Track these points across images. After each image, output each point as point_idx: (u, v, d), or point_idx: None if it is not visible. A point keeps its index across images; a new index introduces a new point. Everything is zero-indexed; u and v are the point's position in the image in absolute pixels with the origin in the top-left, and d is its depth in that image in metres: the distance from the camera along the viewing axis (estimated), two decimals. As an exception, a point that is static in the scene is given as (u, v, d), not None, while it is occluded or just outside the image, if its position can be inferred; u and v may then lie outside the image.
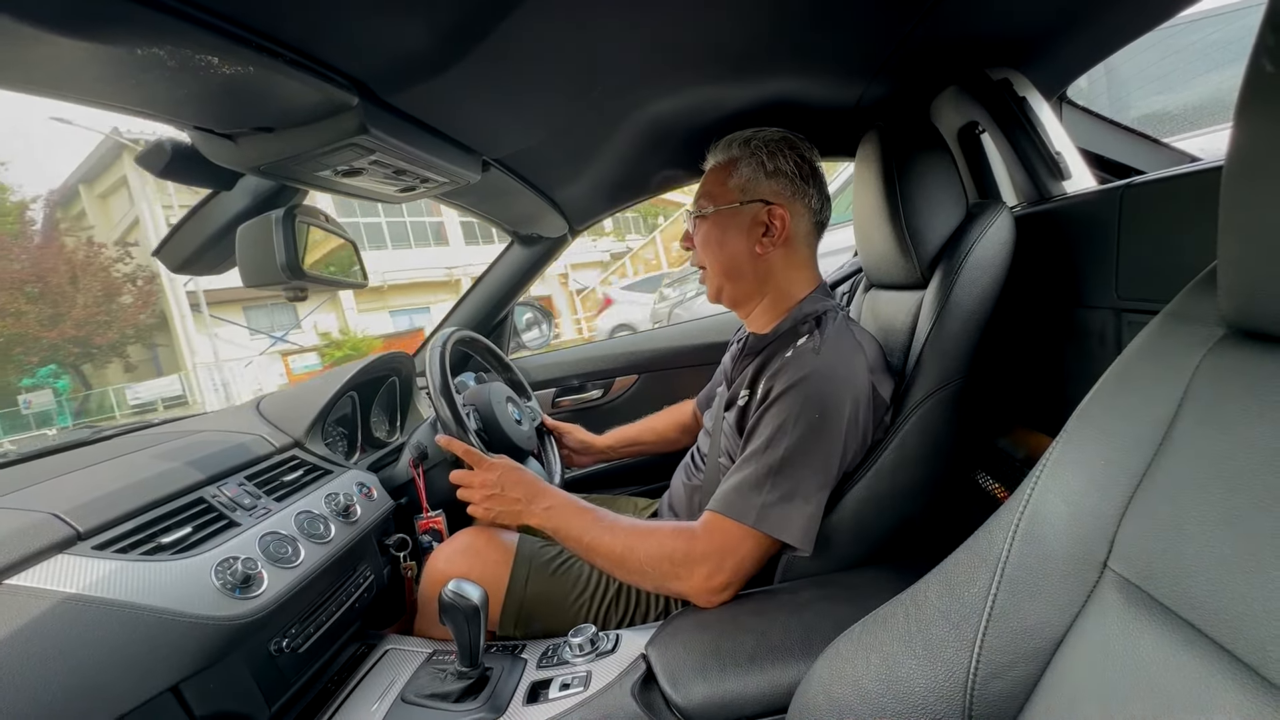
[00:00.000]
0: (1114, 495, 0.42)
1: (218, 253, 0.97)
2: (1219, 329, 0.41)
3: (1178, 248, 0.70)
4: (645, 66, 0.86)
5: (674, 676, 0.70)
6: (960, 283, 0.87)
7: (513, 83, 0.81)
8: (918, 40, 0.90)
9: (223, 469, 0.90)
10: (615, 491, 1.69)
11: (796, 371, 0.84)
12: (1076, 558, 0.43)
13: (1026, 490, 0.48)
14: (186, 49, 0.51)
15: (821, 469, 0.82)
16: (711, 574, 0.81)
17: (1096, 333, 0.84)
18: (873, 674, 0.52)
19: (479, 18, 0.64)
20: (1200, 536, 0.36)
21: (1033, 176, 1.03)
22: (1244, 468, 0.35)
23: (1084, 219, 0.88)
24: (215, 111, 0.66)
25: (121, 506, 0.74)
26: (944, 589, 0.51)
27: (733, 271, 0.98)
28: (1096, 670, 0.40)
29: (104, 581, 0.63)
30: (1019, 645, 0.45)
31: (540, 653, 0.87)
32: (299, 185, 0.87)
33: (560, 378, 1.84)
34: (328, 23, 0.58)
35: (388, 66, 0.68)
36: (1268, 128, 0.33)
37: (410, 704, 0.80)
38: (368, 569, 1.01)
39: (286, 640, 0.78)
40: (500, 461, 0.99)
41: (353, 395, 1.31)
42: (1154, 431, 0.41)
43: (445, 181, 0.94)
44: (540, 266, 1.74)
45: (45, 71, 0.51)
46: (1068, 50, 1.03)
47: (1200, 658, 0.34)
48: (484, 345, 1.41)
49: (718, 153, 1.00)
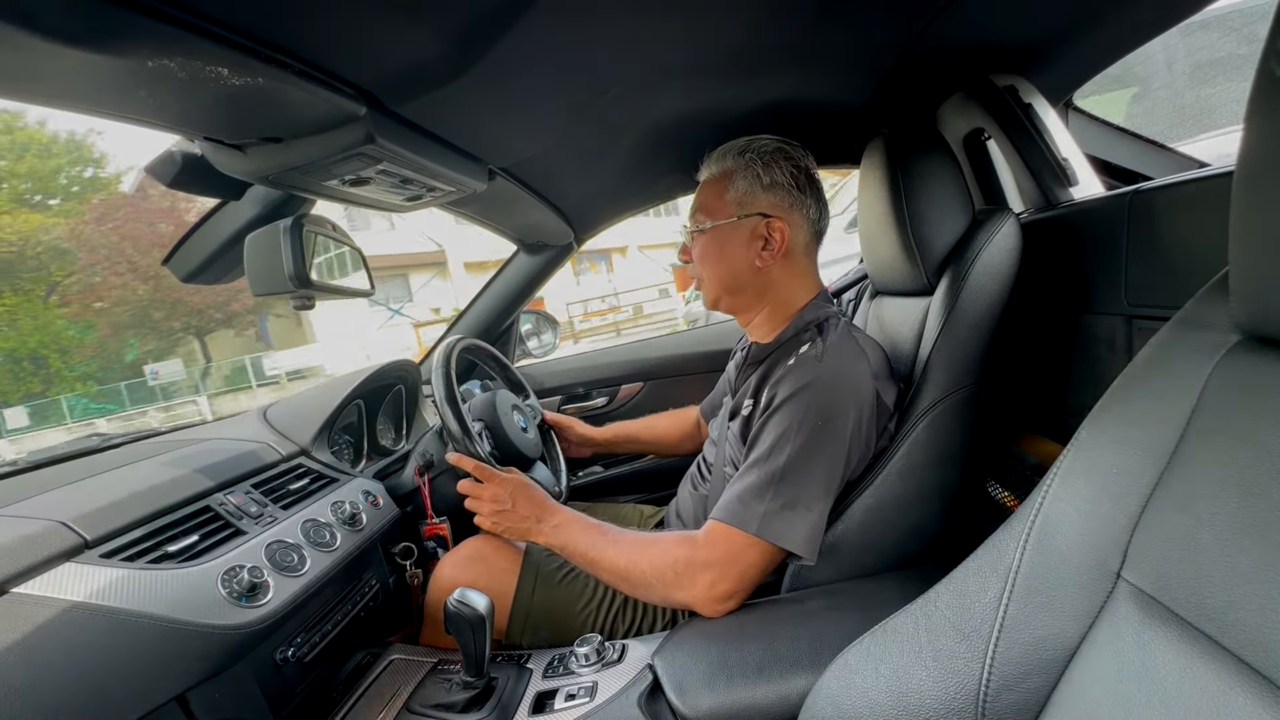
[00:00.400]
0: (1127, 504, 0.42)
1: (226, 262, 0.98)
2: (1231, 336, 0.41)
3: (1188, 253, 0.70)
4: (650, 73, 0.86)
5: (680, 687, 0.70)
6: (967, 289, 0.87)
7: (518, 92, 0.81)
8: (923, 46, 0.90)
9: (229, 477, 0.90)
10: (621, 500, 1.69)
11: (800, 379, 0.84)
12: (1089, 567, 0.43)
13: (1038, 499, 0.48)
14: (196, 61, 0.51)
15: (825, 476, 0.81)
16: (715, 583, 0.80)
17: (1106, 339, 0.83)
18: (883, 686, 0.51)
19: (485, 28, 0.65)
20: (1216, 546, 0.35)
21: (1039, 183, 1.03)
22: (1260, 476, 0.35)
23: (1092, 225, 0.87)
24: (224, 122, 0.66)
25: (128, 515, 0.74)
26: (955, 599, 0.50)
27: (732, 285, 0.97)
28: (1111, 682, 0.39)
29: (111, 590, 0.63)
30: (1031, 657, 0.44)
31: (546, 663, 0.86)
32: (307, 195, 0.87)
33: (566, 385, 1.84)
34: (336, 34, 0.58)
35: (395, 77, 0.69)
36: (1278, 131, 0.33)
37: (416, 714, 0.80)
38: (373, 577, 1.01)
39: (292, 649, 0.78)
40: (511, 477, 0.99)
41: (359, 403, 1.32)
42: (1167, 439, 0.41)
43: (452, 190, 0.95)
44: (546, 274, 1.75)
45: (56, 83, 0.51)
46: (1073, 56, 1.03)
47: (1217, 670, 0.33)
48: (488, 352, 1.41)
49: (712, 165, 0.98)
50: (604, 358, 1.89)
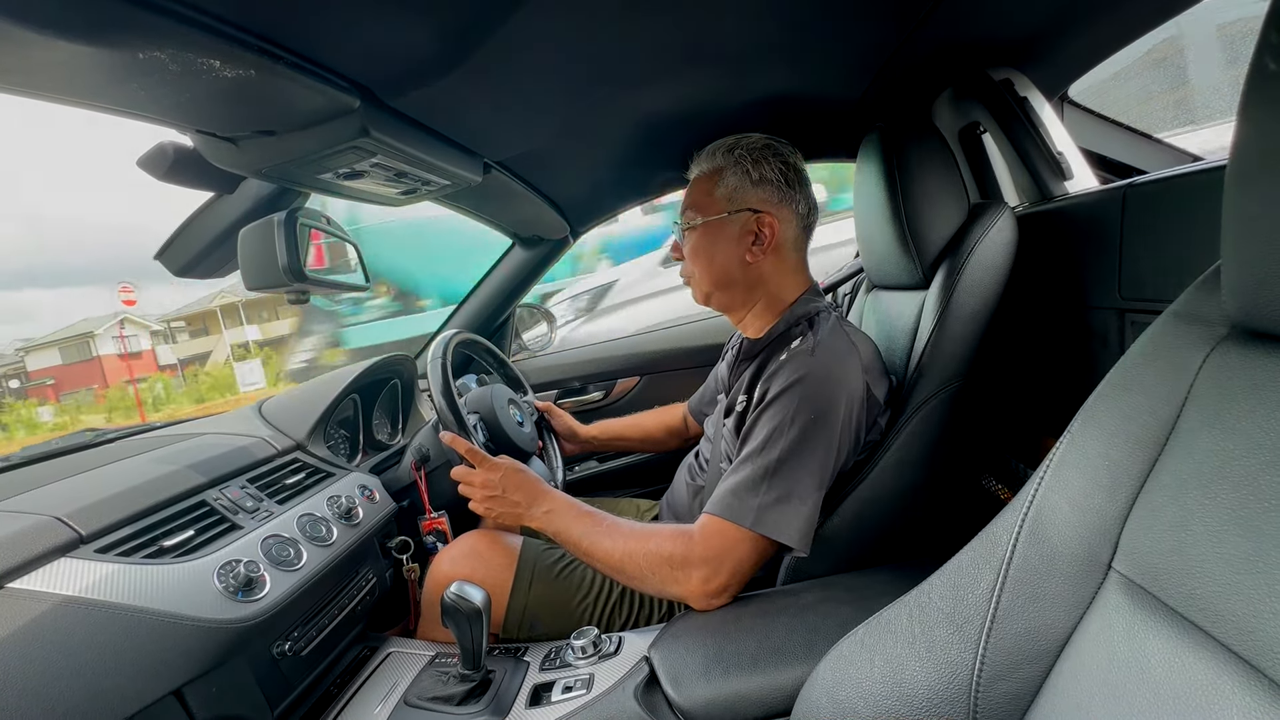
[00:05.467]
0: (1118, 496, 0.42)
1: (220, 256, 0.98)
2: (1223, 328, 0.41)
3: (1181, 247, 0.70)
4: (646, 68, 0.86)
5: (677, 679, 0.70)
6: (963, 283, 0.87)
7: (514, 85, 0.81)
8: (919, 40, 0.90)
9: (225, 472, 0.90)
10: (617, 494, 1.69)
11: (792, 373, 0.84)
12: (1081, 558, 0.43)
13: (1030, 490, 0.48)
14: (189, 53, 0.51)
15: (818, 470, 0.82)
16: (709, 577, 0.80)
17: (1100, 333, 0.83)
18: (876, 676, 0.52)
19: (480, 21, 0.64)
20: (1206, 537, 0.36)
21: (1035, 176, 1.03)
22: (1250, 467, 0.35)
23: (1086, 219, 0.88)
24: (217, 115, 0.66)
25: (124, 510, 0.74)
26: (948, 590, 0.51)
27: (723, 280, 0.98)
28: (1102, 673, 0.40)
29: (106, 584, 0.63)
30: (1024, 647, 0.45)
31: (543, 655, 0.87)
32: (301, 188, 0.87)
33: (562, 379, 1.84)
34: (330, 27, 0.58)
35: (389, 70, 0.68)
36: (1271, 126, 0.33)
37: (413, 707, 0.80)
38: (370, 571, 1.01)
39: (289, 643, 0.78)
40: (503, 462, 0.99)
41: (355, 398, 1.31)
42: (1158, 431, 0.41)
43: (447, 184, 0.95)
44: (542, 268, 1.74)
45: (47, 75, 0.51)
46: (1069, 50, 1.03)
47: (1207, 660, 0.34)
48: (484, 346, 1.41)
49: (702, 162, 1.00)
50: (600, 352, 1.89)
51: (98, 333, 27.96)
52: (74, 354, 28.94)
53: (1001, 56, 1.02)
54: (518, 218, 1.48)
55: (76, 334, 29.30)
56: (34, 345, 30.76)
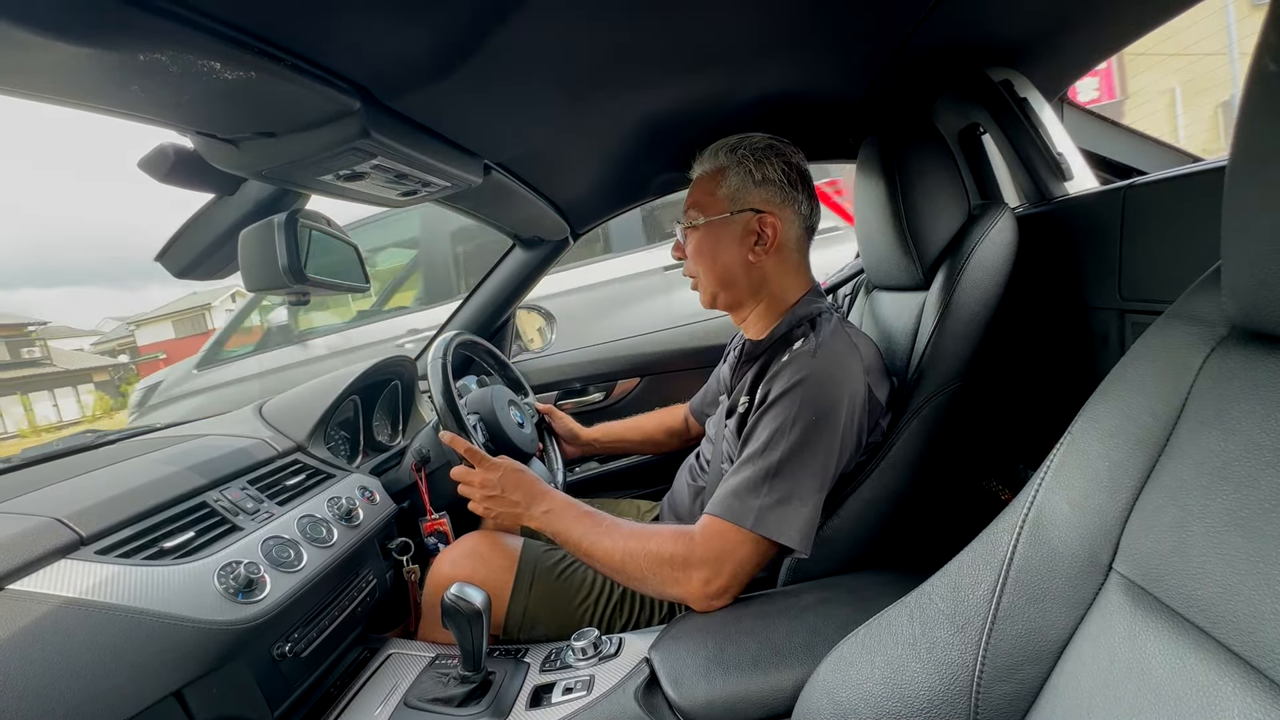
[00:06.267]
0: (1118, 496, 0.42)
1: (220, 257, 0.97)
2: (1223, 329, 0.41)
3: (1181, 248, 0.70)
4: (646, 68, 0.86)
5: (677, 680, 0.70)
6: (963, 284, 0.87)
7: (514, 86, 0.81)
8: (918, 41, 0.90)
9: (225, 473, 0.90)
10: (617, 494, 1.69)
11: (794, 374, 0.84)
12: (1081, 559, 0.43)
13: (1031, 492, 0.48)
14: (189, 54, 0.51)
15: (819, 471, 0.82)
16: (710, 579, 0.80)
17: (1100, 334, 0.83)
18: (877, 677, 0.52)
19: (480, 22, 0.64)
20: (1206, 538, 0.36)
21: (1034, 177, 1.03)
22: (1250, 469, 0.35)
23: (1086, 220, 0.88)
24: (218, 117, 0.66)
25: (124, 511, 0.74)
26: (948, 591, 0.51)
27: (727, 280, 0.98)
28: (1103, 674, 0.40)
29: (107, 586, 0.63)
30: (1024, 648, 0.45)
31: (543, 657, 0.87)
32: (301, 190, 0.87)
33: (562, 380, 1.84)
34: (330, 28, 0.58)
35: (390, 71, 0.68)
36: (1271, 126, 0.33)
37: (413, 708, 0.80)
38: (370, 573, 1.01)
39: (289, 645, 0.78)
40: (502, 462, 0.99)
41: (355, 399, 1.31)
42: (1158, 432, 0.41)
43: (447, 185, 0.95)
44: (542, 269, 1.74)
45: (46, 76, 0.51)
46: (1068, 51, 1.03)
47: (1208, 661, 0.34)
48: (484, 348, 1.41)
49: (704, 161, 1.00)
50: (601, 353, 1.88)
51: (214, 304, 27.80)
52: (188, 327, 28.90)
53: (1001, 57, 1.02)
54: (518, 219, 1.48)
55: (192, 306, 29.27)
56: (145, 319, 30.89)
